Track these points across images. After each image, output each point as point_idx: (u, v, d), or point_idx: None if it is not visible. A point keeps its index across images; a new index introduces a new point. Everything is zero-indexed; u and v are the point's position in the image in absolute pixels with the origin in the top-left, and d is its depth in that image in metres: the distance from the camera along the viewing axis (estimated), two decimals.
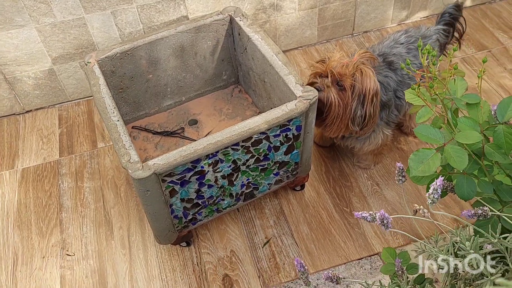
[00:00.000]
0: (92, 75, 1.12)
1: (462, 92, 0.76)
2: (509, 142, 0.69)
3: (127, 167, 0.93)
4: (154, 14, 1.51)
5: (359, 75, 1.09)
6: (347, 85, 1.10)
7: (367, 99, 1.10)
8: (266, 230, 1.28)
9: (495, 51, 1.73)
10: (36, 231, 1.31)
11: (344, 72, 1.09)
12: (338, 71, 1.09)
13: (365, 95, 1.10)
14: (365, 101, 1.10)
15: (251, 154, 1.07)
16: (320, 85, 1.12)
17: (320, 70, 1.13)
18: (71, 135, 1.55)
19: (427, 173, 0.67)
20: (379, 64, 1.20)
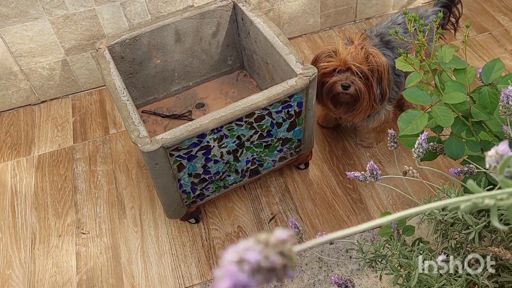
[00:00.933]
0: (103, 59, 1.18)
1: (449, 58, 0.80)
2: (493, 102, 0.73)
3: (137, 142, 0.99)
4: (162, 5, 1.57)
5: (372, 58, 1.14)
6: (367, 73, 1.15)
7: (383, 76, 1.16)
8: (272, 207, 1.33)
9: (495, 33, 1.75)
10: (52, 212, 1.38)
11: (360, 62, 1.14)
12: (356, 63, 1.14)
13: (381, 73, 1.16)
14: (383, 79, 1.16)
15: (255, 130, 1.12)
16: (347, 82, 1.16)
17: (335, 65, 1.16)
18: (84, 122, 1.62)
19: (415, 131, 0.71)
20: (376, 44, 1.24)
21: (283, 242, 0.28)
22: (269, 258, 0.27)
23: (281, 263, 0.27)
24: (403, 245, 0.86)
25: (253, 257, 0.26)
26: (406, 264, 0.73)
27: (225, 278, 0.26)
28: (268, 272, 0.27)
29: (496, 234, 0.71)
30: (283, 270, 0.27)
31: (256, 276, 0.26)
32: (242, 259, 0.27)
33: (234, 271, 0.26)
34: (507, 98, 0.66)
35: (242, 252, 0.27)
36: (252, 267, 0.26)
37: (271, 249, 0.27)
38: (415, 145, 0.67)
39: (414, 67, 0.76)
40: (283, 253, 0.27)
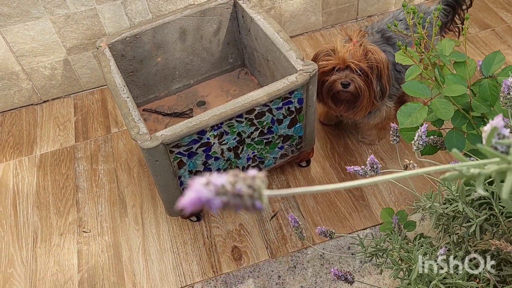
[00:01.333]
0: (103, 57, 1.18)
1: (449, 52, 0.79)
2: (493, 94, 0.72)
3: (136, 139, 0.99)
4: (162, 3, 1.57)
5: (371, 55, 1.14)
6: (367, 70, 1.15)
7: (383, 72, 1.15)
8: (273, 204, 1.32)
9: (498, 29, 1.74)
10: (54, 211, 1.38)
11: (359, 60, 1.14)
12: (355, 60, 1.13)
13: (381, 70, 1.15)
14: (382, 75, 1.16)
15: (255, 127, 1.12)
16: (347, 80, 1.16)
17: (334, 63, 1.16)
18: (86, 122, 1.62)
19: (414, 124, 0.70)
20: (377, 40, 1.23)
21: (253, 178, 0.31)
22: (235, 185, 0.31)
23: (247, 193, 0.31)
24: (404, 240, 0.85)
25: (219, 181, 0.31)
26: (406, 257, 0.72)
27: (192, 193, 0.30)
28: (235, 197, 0.31)
29: (498, 227, 0.70)
30: (250, 199, 0.31)
31: (221, 197, 0.30)
32: (209, 182, 0.31)
33: (200, 189, 0.30)
34: (508, 88, 0.65)
35: (211, 178, 0.31)
36: (217, 188, 0.30)
37: (241, 180, 0.31)
38: (415, 137, 0.66)
39: (414, 60, 0.76)
40: (251, 186, 0.31)
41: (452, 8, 1.37)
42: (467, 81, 0.77)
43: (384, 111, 1.29)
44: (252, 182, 0.32)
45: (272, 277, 1.17)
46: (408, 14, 0.73)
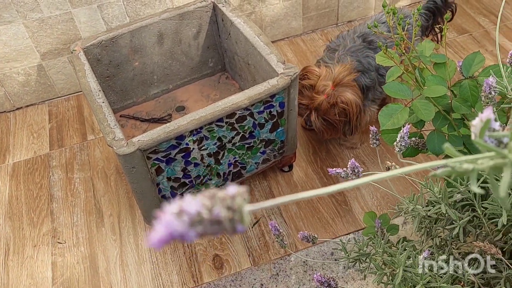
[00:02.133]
0: (78, 61, 1.15)
1: (429, 52, 0.78)
2: (474, 95, 0.72)
3: (112, 145, 0.95)
4: (140, 7, 1.54)
5: (341, 104, 1.17)
6: (332, 118, 1.20)
7: (352, 119, 1.20)
8: (255, 211, 1.29)
9: (476, 34, 1.76)
10: (27, 221, 1.33)
11: (326, 109, 1.18)
12: (323, 108, 1.18)
13: (350, 117, 1.19)
14: (351, 120, 1.20)
15: (236, 131, 1.09)
16: (309, 121, 1.22)
17: (304, 102, 1.20)
18: (61, 129, 1.57)
19: (396, 125, 0.69)
20: (358, 46, 1.23)
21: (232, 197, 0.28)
22: (212, 210, 0.27)
23: (227, 216, 0.27)
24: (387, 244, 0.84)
25: (193, 208, 0.26)
26: (390, 262, 0.71)
27: (161, 227, 0.26)
28: (212, 225, 0.27)
29: (481, 229, 0.69)
30: (230, 223, 0.27)
31: (196, 227, 0.26)
32: (181, 211, 0.26)
33: (171, 221, 0.26)
34: (489, 88, 0.65)
35: (184, 204, 0.27)
36: (191, 218, 0.26)
37: (218, 203, 0.27)
38: (397, 139, 0.65)
39: (394, 61, 0.75)
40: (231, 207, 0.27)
41: (432, 14, 1.38)
42: (448, 82, 0.76)
43: (368, 116, 1.28)
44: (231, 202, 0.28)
45: (255, 286, 1.14)
46: (388, 15, 0.72)
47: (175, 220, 0.26)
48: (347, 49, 1.24)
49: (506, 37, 1.74)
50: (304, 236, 0.85)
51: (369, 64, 1.23)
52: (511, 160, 0.31)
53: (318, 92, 1.18)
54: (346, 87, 1.17)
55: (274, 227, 0.87)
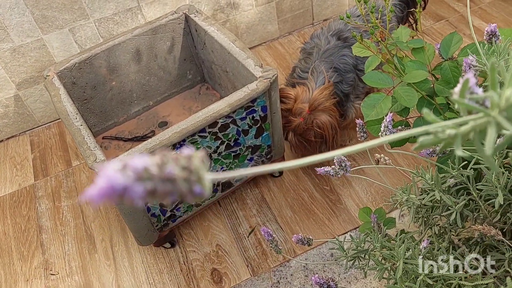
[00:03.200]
0: (52, 87, 1.12)
1: (406, 38, 0.77)
2: (456, 76, 0.70)
3: (94, 167, 0.92)
4: (113, 27, 1.52)
5: (316, 128, 1.17)
6: (308, 139, 1.19)
7: (328, 140, 1.20)
8: (249, 220, 1.27)
9: (452, 19, 1.77)
10: (18, 256, 1.28)
11: (302, 131, 1.18)
12: (299, 130, 1.18)
13: (327, 139, 1.19)
14: (327, 141, 1.20)
15: (221, 140, 1.07)
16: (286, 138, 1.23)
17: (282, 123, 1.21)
18: (44, 158, 1.53)
19: (380, 115, 0.67)
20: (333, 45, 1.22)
21: (188, 158, 0.25)
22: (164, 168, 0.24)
23: (181, 176, 0.24)
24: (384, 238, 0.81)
25: (139, 163, 0.23)
26: (389, 255, 0.68)
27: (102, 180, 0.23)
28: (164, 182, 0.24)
29: (478, 212, 0.67)
30: (186, 183, 0.24)
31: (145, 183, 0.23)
32: (125, 166, 0.23)
33: (112, 174, 0.23)
34: (469, 67, 0.63)
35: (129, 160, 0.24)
36: (137, 172, 0.23)
37: (171, 161, 0.24)
38: (381, 129, 0.63)
39: (371, 50, 0.73)
40: (187, 167, 0.25)
41: (406, 4, 1.37)
42: (428, 66, 0.75)
43: (352, 112, 1.26)
44: (187, 163, 0.25)
45: None
46: (360, 4, 0.71)
47: (118, 174, 0.23)
48: (321, 53, 1.22)
49: (482, 19, 1.74)
50: (298, 239, 0.83)
51: (346, 65, 1.22)
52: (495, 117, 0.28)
53: (294, 115, 1.18)
54: (323, 110, 1.16)
55: (266, 232, 0.84)
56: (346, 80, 1.21)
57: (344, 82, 1.21)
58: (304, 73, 1.23)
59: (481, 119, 0.28)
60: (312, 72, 1.20)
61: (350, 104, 1.26)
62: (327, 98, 1.16)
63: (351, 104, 1.26)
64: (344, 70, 1.21)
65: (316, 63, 1.21)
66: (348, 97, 1.24)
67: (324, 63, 1.20)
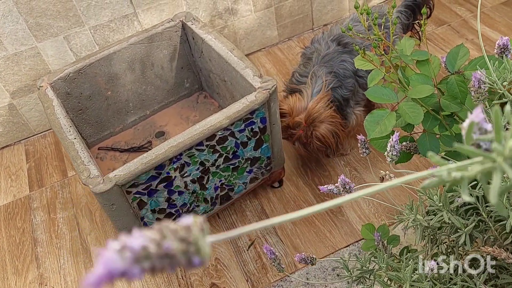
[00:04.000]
0: (45, 98, 1.09)
1: (410, 51, 0.74)
2: (463, 91, 0.67)
3: (88, 183, 0.89)
4: (109, 34, 1.49)
5: (316, 141, 1.16)
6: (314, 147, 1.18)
7: (332, 146, 1.18)
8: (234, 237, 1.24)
9: (454, 24, 1.74)
10: (12, 270, 1.25)
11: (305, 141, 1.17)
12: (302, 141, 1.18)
13: (330, 146, 1.18)
14: (330, 147, 1.19)
15: (219, 153, 1.04)
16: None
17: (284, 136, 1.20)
18: (39, 168, 1.50)
19: (384, 133, 0.64)
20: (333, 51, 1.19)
21: (186, 228, 0.26)
22: (161, 244, 0.25)
23: (180, 250, 0.25)
24: (390, 257, 0.78)
25: (137, 243, 0.24)
26: (395, 277, 0.65)
27: (100, 266, 0.24)
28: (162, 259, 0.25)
29: (488, 233, 0.64)
30: (185, 256, 0.25)
31: (142, 263, 0.24)
32: (124, 247, 0.24)
33: (110, 258, 0.24)
34: (479, 82, 0.60)
35: (128, 239, 0.24)
36: (136, 254, 0.24)
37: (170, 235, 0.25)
38: (388, 148, 0.60)
39: (374, 64, 0.70)
40: (185, 239, 0.25)
41: (412, 11, 1.34)
42: (433, 79, 0.72)
43: (352, 119, 1.23)
44: (186, 233, 0.25)
45: None
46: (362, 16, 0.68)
47: (116, 257, 0.24)
48: (321, 58, 1.19)
49: (484, 24, 1.71)
50: (301, 258, 0.80)
51: (346, 70, 1.19)
52: (500, 164, 0.28)
53: (294, 128, 1.16)
54: (321, 121, 1.14)
55: (269, 250, 0.81)
56: (345, 85, 1.19)
57: (344, 87, 1.19)
58: (302, 78, 1.20)
59: (487, 163, 0.26)
60: (312, 77, 1.17)
61: (350, 110, 1.23)
62: (324, 107, 1.13)
63: (351, 110, 1.23)
64: (344, 75, 1.18)
65: (316, 68, 1.18)
66: (348, 102, 1.21)
67: (323, 68, 1.18)
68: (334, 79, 1.17)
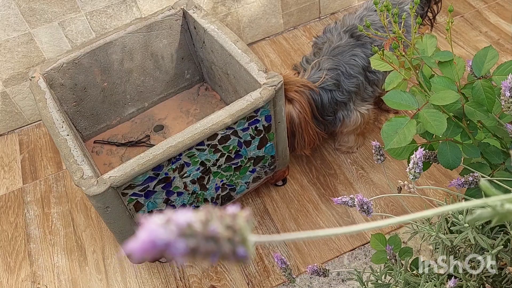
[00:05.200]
0: (37, 90, 1.03)
1: (432, 51, 0.68)
2: (490, 98, 0.61)
3: (80, 185, 0.84)
4: (106, 20, 1.41)
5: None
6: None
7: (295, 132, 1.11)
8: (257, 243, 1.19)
9: (467, 15, 1.66)
10: (4, 267, 1.21)
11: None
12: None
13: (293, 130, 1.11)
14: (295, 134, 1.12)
15: (220, 153, 0.98)
16: None
17: None
18: (33, 159, 1.45)
19: (402, 143, 0.58)
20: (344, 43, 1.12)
21: (233, 216, 0.25)
22: (207, 225, 0.24)
23: (225, 235, 0.24)
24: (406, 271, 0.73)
25: (183, 218, 0.23)
26: None
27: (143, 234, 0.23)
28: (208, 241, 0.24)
29: None
30: (230, 244, 0.24)
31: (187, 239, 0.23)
32: (169, 219, 0.23)
33: (155, 228, 0.23)
34: (510, 91, 0.54)
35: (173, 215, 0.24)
36: (181, 228, 0.23)
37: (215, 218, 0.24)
38: (410, 165, 0.54)
39: (393, 66, 0.64)
40: (231, 227, 0.24)
41: (427, 0, 1.27)
42: (456, 83, 0.66)
43: (357, 117, 1.17)
44: (232, 221, 0.25)
45: None
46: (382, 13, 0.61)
47: (160, 228, 0.23)
48: (331, 49, 1.13)
49: (499, 16, 1.64)
50: (314, 270, 0.75)
51: (354, 67, 1.12)
52: None
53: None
54: (290, 100, 1.07)
55: (280, 259, 0.76)
56: (345, 87, 1.12)
57: (340, 91, 1.12)
58: (307, 64, 1.15)
59: None
60: (314, 66, 1.12)
61: (352, 107, 1.16)
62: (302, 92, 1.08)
63: (354, 108, 1.17)
64: (348, 74, 1.11)
65: (323, 58, 1.12)
66: (345, 105, 1.15)
67: (330, 61, 1.11)
68: (333, 81, 1.11)
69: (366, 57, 1.12)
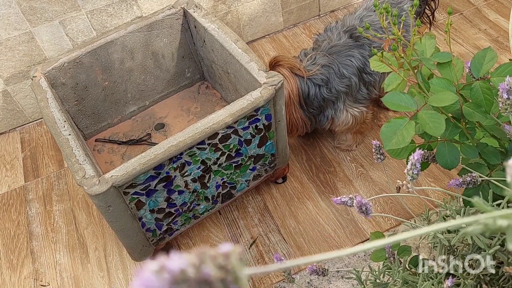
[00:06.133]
0: (39, 89, 1.03)
1: (431, 52, 0.68)
2: (488, 99, 0.62)
3: (82, 184, 0.85)
4: (106, 19, 1.42)
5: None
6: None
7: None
8: (251, 230, 1.20)
9: (467, 13, 1.67)
10: (6, 264, 1.22)
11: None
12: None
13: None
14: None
15: (221, 152, 0.99)
16: None
17: None
18: (35, 157, 1.46)
19: (401, 144, 0.59)
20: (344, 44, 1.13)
21: (225, 256, 0.25)
22: (200, 269, 0.24)
23: (218, 277, 0.25)
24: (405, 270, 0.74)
25: (175, 265, 0.24)
26: None
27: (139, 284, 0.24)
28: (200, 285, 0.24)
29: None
30: (222, 284, 0.25)
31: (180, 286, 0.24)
32: (162, 268, 0.24)
33: (149, 279, 0.24)
34: (507, 93, 0.55)
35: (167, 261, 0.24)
36: (174, 276, 0.24)
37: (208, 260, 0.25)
38: (408, 166, 0.55)
39: (392, 68, 0.64)
40: (224, 267, 0.25)
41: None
42: (455, 84, 0.66)
43: (346, 117, 1.17)
44: (225, 261, 0.25)
45: None
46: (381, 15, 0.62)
47: (153, 278, 0.24)
48: (329, 47, 1.14)
49: (498, 13, 1.64)
50: (313, 270, 0.76)
51: (348, 67, 1.12)
52: None
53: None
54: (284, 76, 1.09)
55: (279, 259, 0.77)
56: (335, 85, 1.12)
57: (328, 88, 1.13)
58: (304, 57, 1.16)
59: None
60: (310, 59, 1.13)
61: (344, 107, 1.17)
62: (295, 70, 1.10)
63: (345, 108, 1.17)
64: (341, 74, 1.12)
65: (320, 54, 1.13)
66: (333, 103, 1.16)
67: (325, 58, 1.12)
68: (323, 77, 1.12)
69: (362, 58, 1.13)
